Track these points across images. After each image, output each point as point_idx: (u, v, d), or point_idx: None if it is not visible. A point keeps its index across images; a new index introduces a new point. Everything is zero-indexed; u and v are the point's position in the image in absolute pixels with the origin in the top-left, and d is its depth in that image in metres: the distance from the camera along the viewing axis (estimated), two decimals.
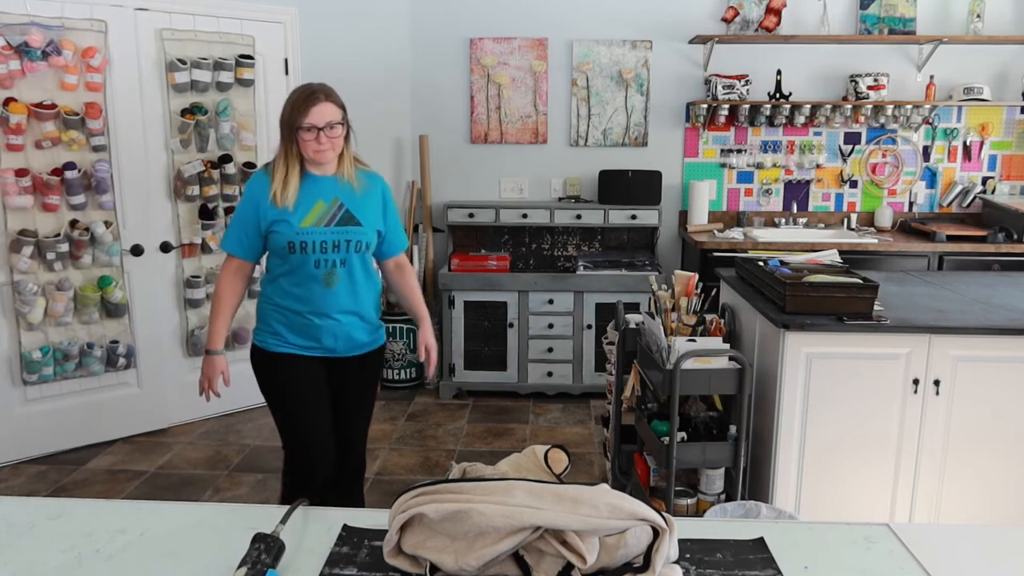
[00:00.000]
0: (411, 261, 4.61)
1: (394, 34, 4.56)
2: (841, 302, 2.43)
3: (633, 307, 3.87)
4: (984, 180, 4.70)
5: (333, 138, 2.16)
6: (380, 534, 1.14)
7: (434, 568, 1.01)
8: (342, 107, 2.20)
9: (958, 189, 4.68)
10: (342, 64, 4.28)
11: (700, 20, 4.57)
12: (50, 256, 3.40)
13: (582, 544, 0.97)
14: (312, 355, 2.30)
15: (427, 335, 2.43)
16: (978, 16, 4.46)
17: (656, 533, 0.98)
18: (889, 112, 4.51)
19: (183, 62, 3.67)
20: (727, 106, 4.50)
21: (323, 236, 2.19)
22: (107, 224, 3.54)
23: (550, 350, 4.42)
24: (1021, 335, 2.40)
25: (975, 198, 4.65)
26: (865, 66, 4.57)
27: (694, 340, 2.50)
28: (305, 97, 2.13)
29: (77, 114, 3.40)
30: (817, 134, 4.69)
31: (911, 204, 4.74)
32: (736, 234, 4.39)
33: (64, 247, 3.43)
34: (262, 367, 2.34)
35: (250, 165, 3.95)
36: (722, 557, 1.10)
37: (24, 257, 3.34)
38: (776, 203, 4.77)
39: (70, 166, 3.40)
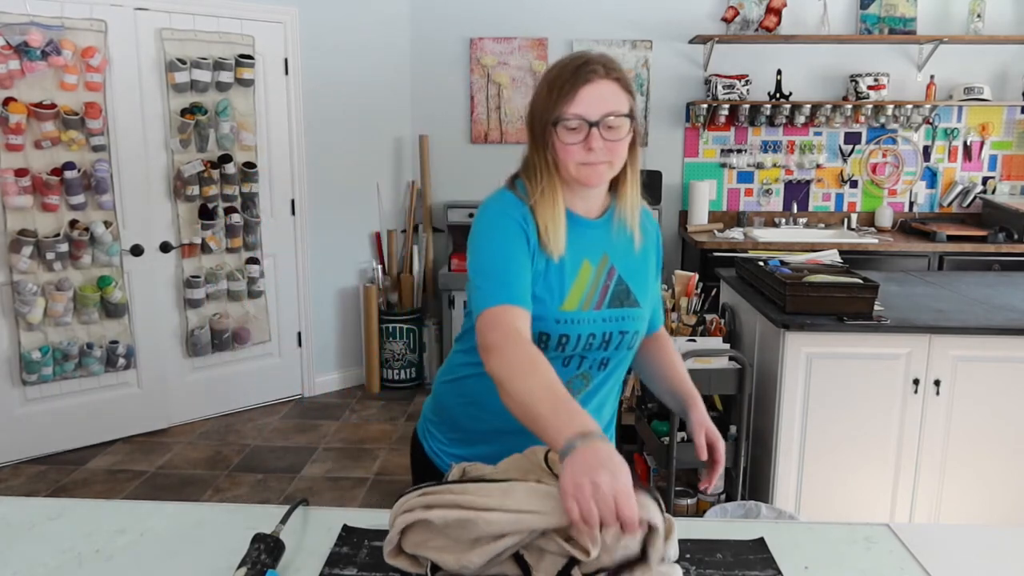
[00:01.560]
0: (411, 263, 4.65)
1: (394, 34, 4.56)
2: (841, 302, 2.43)
3: None
4: (984, 180, 4.70)
5: (612, 142, 1.24)
6: (380, 534, 1.14)
7: (435, 568, 1.01)
8: (631, 92, 1.28)
9: (958, 189, 4.68)
10: (342, 64, 4.28)
11: (700, 20, 4.57)
12: (50, 256, 3.40)
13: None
14: None
15: (705, 420, 1.48)
16: (978, 16, 4.45)
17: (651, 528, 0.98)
18: (889, 112, 4.51)
19: (183, 62, 3.67)
20: (727, 106, 4.50)
21: (592, 326, 1.29)
22: (107, 224, 3.54)
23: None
24: (1021, 335, 2.40)
25: (975, 198, 4.64)
26: (865, 66, 4.57)
27: (694, 340, 2.50)
28: (573, 70, 1.24)
29: (77, 114, 3.40)
30: (817, 134, 4.69)
31: (911, 204, 4.74)
32: (736, 234, 4.39)
33: (64, 247, 3.43)
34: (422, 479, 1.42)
35: (250, 165, 3.95)
36: (722, 557, 1.10)
37: (24, 257, 3.34)
38: (776, 203, 4.76)
39: (70, 166, 3.40)
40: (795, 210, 4.73)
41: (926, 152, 4.70)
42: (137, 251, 3.69)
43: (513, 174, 1.36)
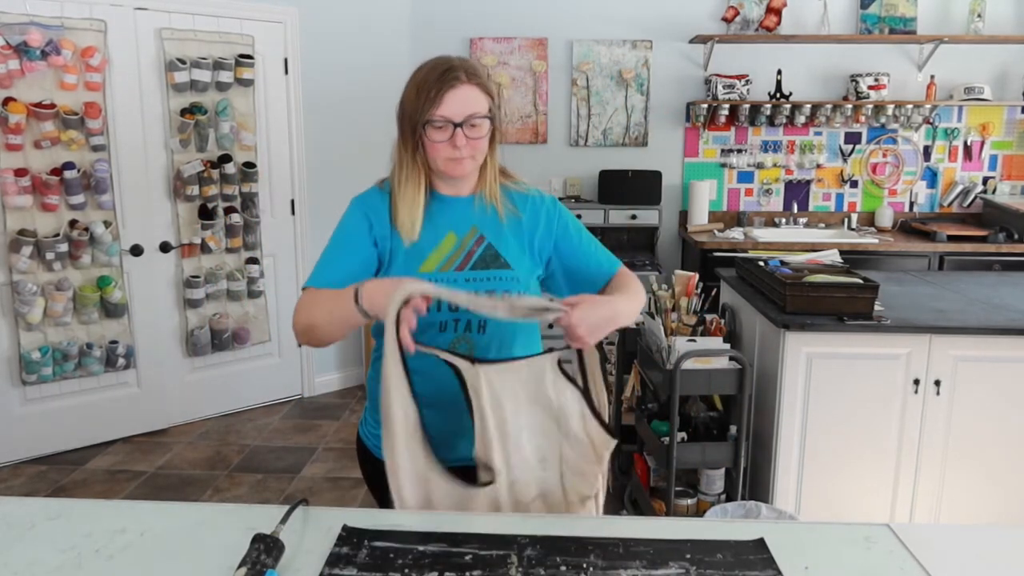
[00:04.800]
0: None
1: (394, 34, 4.55)
2: (841, 302, 2.43)
3: None
4: (985, 180, 4.70)
5: (475, 140, 1.43)
6: (380, 534, 1.14)
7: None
8: (490, 93, 1.47)
9: (959, 189, 4.68)
10: (342, 64, 4.27)
11: (700, 20, 4.57)
12: (49, 256, 3.40)
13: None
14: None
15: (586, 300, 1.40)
16: (979, 16, 4.46)
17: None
18: (890, 112, 4.51)
19: (183, 62, 3.66)
20: (727, 106, 4.50)
21: (452, 285, 1.43)
22: (106, 224, 3.54)
23: (551, 350, 4.39)
24: (1022, 335, 2.40)
25: (976, 198, 4.65)
26: (866, 66, 4.57)
27: (694, 340, 2.50)
28: (438, 76, 1.40)
29: (76, 114, 3.40)
30: (817, 134, 4.69)
31: (912, 204, 4.74)
32: (736, 234, 4.39)
33: (63, 247, 3.43)
34: (368, 470, 1.60)
35: (250, 165, 3.95)
36: (722, 558, 1.10)
37: (23, 257, 3.34)
38: (776, 203, 4.76)
39: (69, 166, 3.40)
40: (795, 210, 4.73)
41: (926, 152, 4.70)
42: (137, 251, 3.69)
43: (382, 179, 1.55)
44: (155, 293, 3.80)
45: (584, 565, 1.07)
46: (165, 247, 3.79)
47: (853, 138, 4.69)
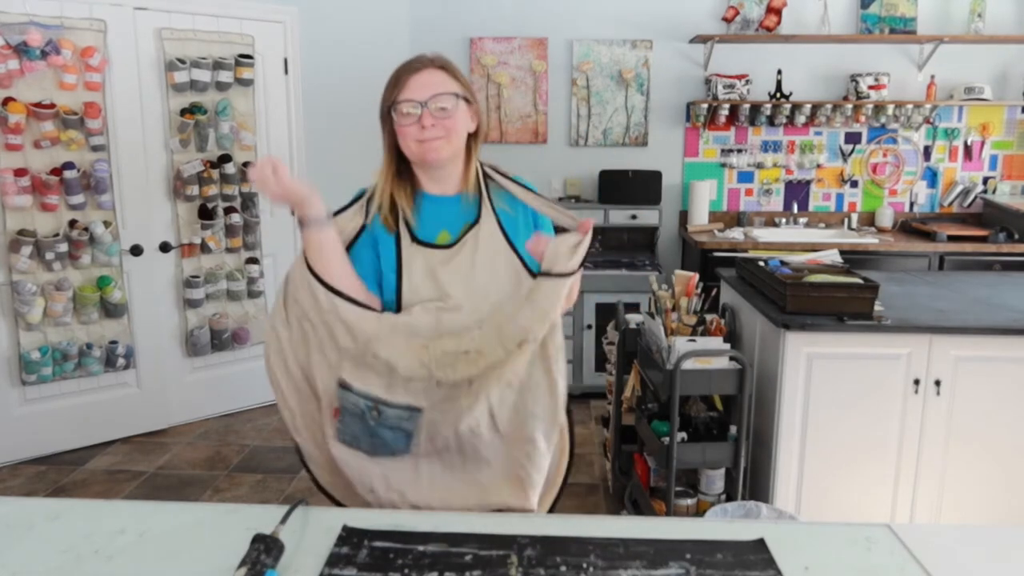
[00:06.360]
0: None
1: (394, 34, 4.55)
2: (842, 302, 2.43)
3: (633, 307, 3.87)
4: (985, 180, 4.70)
5: (443, 120, 1.41)
6: (380, 534, 1.14)
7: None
8: (460, 80, 1.47)
9: (959, 189, 4.68)
10: (342, 64, 4.27)
11: (700, 19, 4.57)
12: (49, 256, 3.40)
13: None
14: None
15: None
16: (979, 15, 4.45)
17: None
18: (890, 112, 4.51)
19: (182, 62, 3.66)
20: (727, 106, 4.50)
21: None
22: (106, 224, 3.53)
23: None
24: (1021, 335, 2.39)
25: (976, 198, 4.64)
26: (866, 66, 4.57)
27: (694, 340, 2.50)
28: (405, 64, 1.44)
29: (76, 114, 3.40)
30: (818, 134, 4.69)
31: (912, 204, 4.74)
32: (736, 234, 4.38)
33: (63, 247, 3.43)
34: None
35: (250, 165, 3.94)
36: (722, 558, 1.10)
37: (23, 257, 3.34)
38: (776, 203, 4.76)
39: (69, 166, 3.39)
40: (795, 210, 4.72)
41: (927, 152, 4.70)
42: (137, 251, 3.68)
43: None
44: (155, 293, 3.80)
45: (584, 565, 1.07)
46: (165, 247, 3.78)
47: (853, 138, 4.69)
